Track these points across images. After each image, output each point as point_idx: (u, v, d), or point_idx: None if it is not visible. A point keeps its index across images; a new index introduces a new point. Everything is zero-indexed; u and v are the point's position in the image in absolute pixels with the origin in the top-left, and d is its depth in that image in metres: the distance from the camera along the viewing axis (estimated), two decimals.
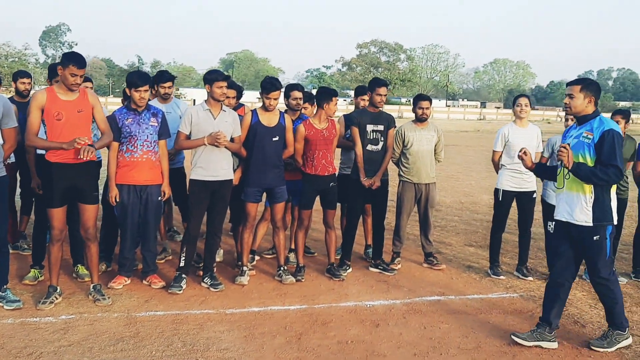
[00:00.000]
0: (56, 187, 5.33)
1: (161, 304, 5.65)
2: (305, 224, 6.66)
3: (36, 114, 5.22)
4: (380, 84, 6.84)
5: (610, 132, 4.78)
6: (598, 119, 4.92)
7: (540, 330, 5.07)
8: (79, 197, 5.49)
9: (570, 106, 5.01)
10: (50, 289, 5.51)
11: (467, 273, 7.07)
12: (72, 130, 5.24)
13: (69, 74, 5.17)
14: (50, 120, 5.22)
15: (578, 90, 4.95)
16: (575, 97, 4.96)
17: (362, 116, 6.82)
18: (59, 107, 5.22)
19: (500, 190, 6.90)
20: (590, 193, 4.87)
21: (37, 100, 5.21)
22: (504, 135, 6.92)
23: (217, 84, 5.90)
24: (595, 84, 5.05)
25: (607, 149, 4.76)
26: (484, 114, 69.97)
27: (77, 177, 5.38)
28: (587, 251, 4.96)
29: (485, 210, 10.91)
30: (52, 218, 5.41)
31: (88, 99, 5.41)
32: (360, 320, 5.44)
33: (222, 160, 6.02)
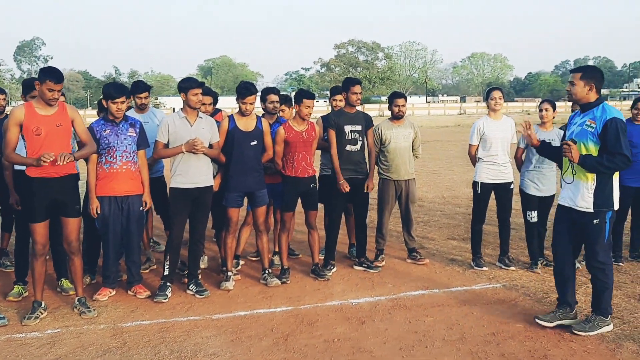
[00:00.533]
0: (37, 202, 5.32)
1: (147, 313, 5.66)
2: (288, 226, 6.71)
3: (14, 130, 5.22)
4: (354, 82, 6.91)
5: (614, 121, 4.87)
6: (601, 107, 5.01)
7: (562, 310, 5.24)
8: (61, 210, 5.49)
9: (572, 93, 5.14)
10: (35, 304, 5.49)
11: (451, 266, 7.15)
12: (52, 145, 5.24)
13: (46, 89, 5.18)
14: (29, 136, 5.23)
15: (578, 77, 5.06)
16: (576, 85, 5.08)
17: (339, 117, 6.88)
18: (38, 122, 5.22)
19: (478, 183, 7.01)
20: (592, 181, 5.00)
21: (15, 117, 5.21)
22: (479, 129, 7.02)
23: (192, 91, 5.93)
24: (597, 70, 5.14)
25: (611, 137, 4.86)
26: (464, 108, 70.34)
27: (58, 191, 5.38)
28: (587, 235, 5.10)
29: (467, 204, 11.00)
30: (35, 233, 5.40)
31: (67, 113, 5.41)
32: (346, 318, 5.50)
33: (202, 167, 6.05)
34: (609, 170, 4.92)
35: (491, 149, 6.92)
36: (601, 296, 5.10)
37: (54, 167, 5.24)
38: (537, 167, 6.89)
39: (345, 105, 6.97)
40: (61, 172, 5.35)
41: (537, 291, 6.20)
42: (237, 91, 6.24)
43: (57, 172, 5.31)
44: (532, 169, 6.93)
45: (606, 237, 5.04)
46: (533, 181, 6.92)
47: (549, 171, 6.91)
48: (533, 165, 6.91)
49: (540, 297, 6.03)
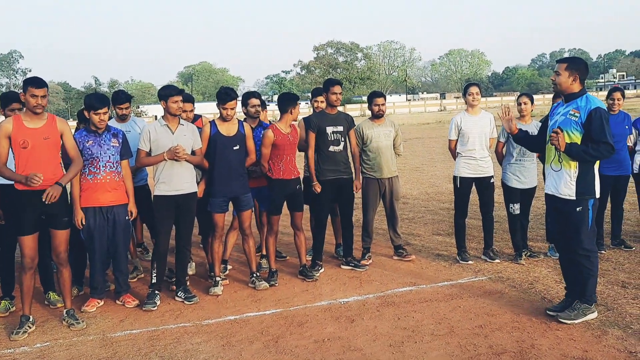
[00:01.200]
0: (27, 215, 5.32)
1: (136, 322, 5.66)
2: (275, 229, 6.73)
3: (3, 143, 5.24)
4: (334, 82, 6.97)
5: (598, 111, 5.01)
6: (584, 98, 5.14)
7: (569, 299, 5.30)
8: (50, 222, 5.49)
9: (557, 83, 5.26)
10: (23, 319, 5.47)
11: (437, 261, 7.23)
12: (39, 158, 5.26)
13: (29, 96, 5.21)
14: (16, 149, 5.24)
15: (564, 67, 5.20)
16: (561, 75, 5.21)
17: (321, 119, 6.92)
18: (25, 135, 5.23)
19: (457, 178, 7.10)
20: (575, 169, 5.12)
21: (3, 129, 5.23)
22: (457, 124, 7.11)
23: (172, 98, 5.94)
24: (582, 62, 5.27)
25: (596, 127, 4.98)
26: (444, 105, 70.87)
27: (47, 204, 5.35)
28: (570, 223, 5.19)
29: (450, 199, 11.02)
30: (24, 246, 5.38)
31: (56, 126, 5.41)
32: (335, 318, 5.54)
33: (185, 174, 6.06)
34: (593, 159, 5.05)
35: (468, 143, 7.01)
36: (586, 283, 5.18)
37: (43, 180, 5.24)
38: (518, 160, 6.99)
39: (326, 106, 7.02)
40: (47, 185, 5.33)
41: (523, 282, 6.28)
42: (218, 97, 6.26)
43: (46, 184, 5.30)
44: (513, 162, 7.02)
45: (589, 225, 5.14)
46: (515, 174, 7.01)
47: (530, 163, 7.01)
48: (514, 158, 7.00)
49: (525, 287, 6.11)
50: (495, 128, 7.23)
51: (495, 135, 7.20)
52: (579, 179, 5.11)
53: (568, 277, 5.41)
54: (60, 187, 5.35)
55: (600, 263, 6.46)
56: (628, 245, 7.33)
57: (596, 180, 5.19)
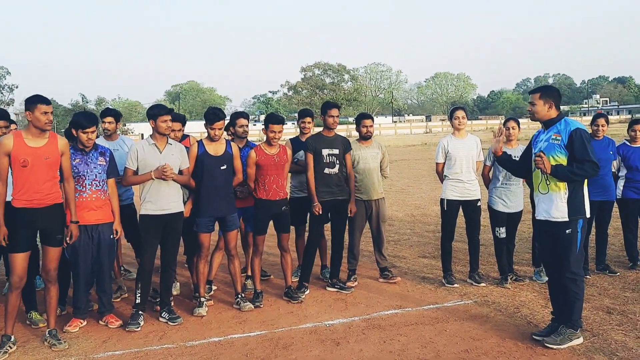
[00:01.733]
0: (22, 232, 5.27)
1: (119, 343, 5.58)
2: (260, 249, 6.70)
3: (3, 160, 5.20)
4: (331, 106, 7.02)
5: (578, 131, 5.12)
6: (563, 121, 5.27)
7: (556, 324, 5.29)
8: (44, 239, 5.45)
9: (533, 112, 5.37)
10: (4, 339, 5.37)
11: (422, 284, 7.22)
12: (38, 177, 5.25)
13: (40, 114, 5.21)
14: (16, 167, 5.21)
15: (537, 97, 5.34)
16: (536, 104, 5.35)
17: (317, 141, 6.92)
18: (26, 154, 5.21)
19: (444, 200, 7.12)
20: (564, 190, 5.19)
21: (4, 146, 5.19)
22: (443, 147, 7.16)
23: (161, 118, 5.94)
24: (553, 89, 5.42)
25: (578, 146, 5.08)
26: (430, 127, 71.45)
27: (44, 221, 5.35)
28: (559, 245, 5.22)
29: (436, 222, 11.11)
30: (15, 264, 5.31)
31: (57, 146, 5.40)
32: (320, 340, 5.50)
33: (171, 193, 6.03)
34: (579, 178, 5.12)
35: (455, 166, 7.05)
36: (572, 307, 5.19)
37: (40, 198, 5.27)
38: (504, 184, 7.04)
39: (323, 128, 7.03)
40: (47, 203, 5.33)
41: (509, 306, 6.29)
42: (206, 117, 6.26)
43: (42, 202, 5.30)
44: (499, 186, 7.07)
45: (578, 247, 5.18)
46: (501, 198, 7.05)
47: (516, 187, 7.06)
48: (500, 182, 7.05)
49: (511, 312, 6.12)
50: (482, 151, 7.28)
51: (482, 158, 7.25)
52: (570, 200, 5.18)
53: (555, 301, 5.42)
54: (76, 225, 5.54)
55: (585, 288, 6.51)
56: (612, 270, 7.37)
57: (586, 200, 5.26)
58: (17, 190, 5.24)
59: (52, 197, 5.36)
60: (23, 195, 5.24)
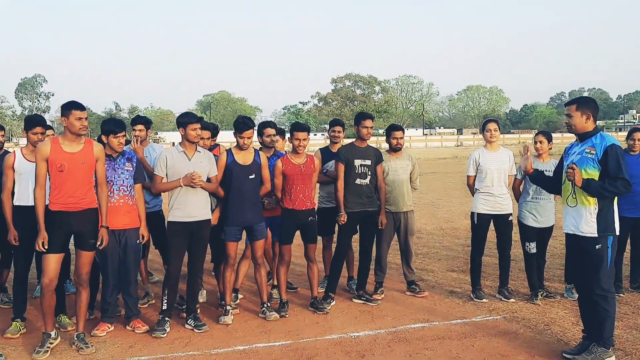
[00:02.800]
0: (56, 234, 5.36)
1: (145, 348, 5.61)
2: (286, 259, 6.69)
3: (42, 165, 5.33)
4: (366, 117, 6.99)
5: (614, 148, 5.02)
6: (599, 136, 5.16)
7: (587, 342, 5.19)
8: (78, 243, 5.53)
9: (570, 125, 5.27)
10: (45, 336, 5.51)
11: (450, 298, 7.12)
12: (74, 182, 5.37)
13: (74, 119, 5.32)
14: (53, 171, 5.33)
15: (574, 109, 5.23)
16: (573, 116, 5.24)
17: (350, 151, 6.90)
18: (63, 159, 5.32)
19: (475, 214, 7.02)
20: (594, 205, 5.08)
21: (42, 152, 5.32)
22: (475, 160, 7.07)
23: (190, 126, 5.99)
24: (591, 101, 5.31)
25: (612, 163, 4.99)
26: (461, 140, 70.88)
27: (78, 224, 5.44)
28: (589, 261, 5.11)
29: (466, 235, 10.98)
30: (47, 265, 5.39)
31: (93, 151, 5.51)
32: (345, 352, 5.45)
33: (199, 201, 6.07)
34: (611, 194, 5.02)
35: (486, 179, 6.96)
36: (603, 325, 5.06)
37: (75, 202, 5.37)
38: (534, 198, 6.92)
39: (356, 139, 7.02)
40: (82, 207, 5.42)
41: (538, 323, 6.16)
42: (235, 126, 6.30)
43: (78, 206, 5.40)
44: (529, 200, 6.95)
45: (608, 264, 5.06)
46: (531, 212, 6.94)
47: (547, 202, 6.93)
48: (531, 196, 6.94)
49: (541, 329, 5.99)
50: (514, 165, 7.18)
51: (514, 172, 7.15)
52: (600, 216, 5.07)
53: (586, 319, 5.29)
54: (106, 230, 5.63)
55: (618, 306, 6.33)
56: None
57: (616, 217, 5.14)
58: (54, 194, 5.36)
59: (87, 202, 5.45)
60: (60, 199, 5.35)
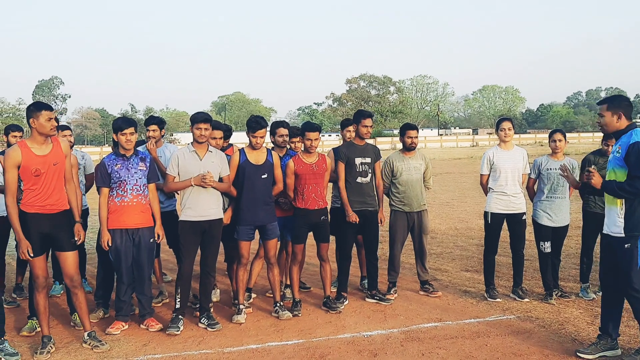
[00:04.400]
0: (33, 236, 5.30)
1: (159, 346, 5.65)
2: (299, 258, 6.70)
3: (13, 172, 5.20)
4: (365, 115, 6.98)
5: (636, 145, 4.91)
6: (629, 133, 5.06)
7: (603, 341, 5.18)
8: (56, 245, 5.50)
9: (602, 125, 5.20)
10: (45, 339, 5.50)
11: (464, 298, 7.09)
12: (50, 185, 5.32)
13: (45, 120, 5.23)
14: (28, 177, 5.24)
15: (605, 108, 5.14)
16: (604, 116, 5.15)
17: (349, 149, 6.92)
18: (36, 164, 5.24)
19: (488, 213, 6.98)
20: (621, 205, 5.03)
21: (12, 159, 5.19)
22: (489, 159, 7.03)
23: (196, 125, 6.03)
24: (623, 99, 5.22)
25: (633, 161, 4.91)
26: (477, 141, 70.47)
27: (52, 227, 5.39)
28: (620, 260, 5.06)
29: (480, 235, 10.91)
30: (33, 267, 5.40)
31: (61, 149, 5.45)
32: (358, 351, 5.45)
33: (211, 200, 6.10)
34: (630, 195, 4.93)
35: (500, 178, 6.92)
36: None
37: (51, 203, 5.33)
38: (549, 197, 6.88)
39: (355, 137, 7.02)
40: (57, 209, 5.40)
41: (552, 323, 6.11)
42: (248, 125, 6.33)
43: (53, 208, 5.37)
44: (544, 199, 6.91)
45: (639, 264, 4.98)
46: (546, 211, 6.89)
47: (562, 201, 6.88)
48: (545, 195, 6.89)
49: (555, 328, 5.94)
50: (528, 164, 7.14)
51: (528, 171, 7.10)
52: (627, 216, 4.99)
53: (607, 317, 5.25)
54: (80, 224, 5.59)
55: None
56: None
57: None
58: (28, 197, 5.27)
59: (61, 203, 5.42)
60: (36, 201, 5.27)
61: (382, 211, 7.06)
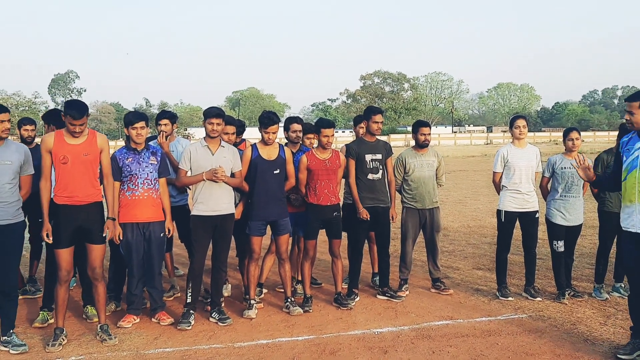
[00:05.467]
0: (63, 229, 5.42)
1: (170, 340, 5.68)
2: (311, 254, 6.70)
3: (47, 157, 5.41)
4: (375, 111, 6.95)
5: None
6: None
7: (637, 340, 5.10)
8: (86, 237, 5.57)
9: (632, 122, 5.08)
10: (57, 331, 5.55)
11: (476, 296, 7.05)
12: (78, 174, 5.40)
13: (68, 123, 5.37)
14: (56, 164, 5.39)
15: (637, 106, 5.01)
16: (635, 113, 5.03)
17: (360, 146, 6.89)
18: (65, 151, 5.38)
19: (501, 211, 6.93)
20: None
21: (46, 144, 5.40)
22: (502, 156, 6.98)
23: (209, 120, 6.04)
24: None
25: None
26: (491, 138, 70.00)
27: (84, 218, 5.48)
28: None
29: (492, 234, 10.83)
30: (59, 259, 5.48)
31: (96, 143, 5.54)
32: (368, 348, 5.44)
33: (223, 195, 6.10)
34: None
35: (514, 176, 6.87)
36: None
37: (81, 195, 5.39)
38: (563, 196, 6.82)
39: (366, 133, 7.00)
40: (87, 200, 5.47)
41: (565, 322, 6.06)
42: (260, 121, 6.33)
43: (83, 200, 5.44)
44: (558, 198, 6.85)
45: None
46: (559, 210, 6.83)
47: (576, 200, 6.82)
48: (559, 194, 6.83)
49: (567, 328, 5.90)
50: (541, 162, 7.08)
51: (541, 169, 7.05)
52: None
53: (633, 315, 5.19)
54: (114, 221, 5.69)
55: None
56: None
57: None
58: (58, 187, 5.42)
59: (93, 196, 5.50)
60: (64, 192, 5.40)
61: (394, 208, 7.04)
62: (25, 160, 5.55)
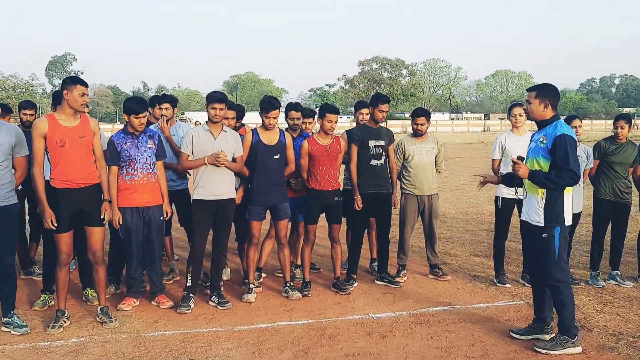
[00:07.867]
0: (62, 212, 5.40)
1: (170, 323, 5.71)
2: (311, 239, 6.73)
3: (39, 142, 5.30)
4: (383, 100, 6.95)
5: (563, 137, 4.93)
6: (553, 125, 5.08)
7: (536, 325, 5.32)
8: (86, 220, 5.58)
9: (529, 111, 5.23)
10: (59, 313, 5.58)
11: (473, 283, 7.10)
12: (75, 157, 5.37)
13: (78, 95, 5.31)
14: (53, 147, 5.32)
15: (534, 96, 5.15)
16: (532, 103, 5.17)
17: (364, 132, 6.90)
18: (62, 134, 5.32)
19: (499, 198, 6.97)
20: (542, 195, 5.06)
21: (39, 129, 5.30)
22: (500, 144, 7.00)
23: (211, 104, 6.03)
24: (551, 88, 5.18)
25: (560, 153, 4.91)
26: (488, 126, 70.05)
27: (83, 201, 5.48)
28: (537, 249, 5.15)
29: (490, 220, 10.90)
30: (60, 243, 5.49)
31: (90, 126, 5.51)
32: (367, 333, 5.49)
33: (224, 180, 6.11)
34: (556, 186, 4.96)
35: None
36: (561, 314, 5.05)
37: (79, 178, 5.38)
38: None
39: (369, 120, 7.00)
40: (86, 183, 5.46)
41: None
42: (261, 105, 6.33)
43: (82, 182, 5.43)
44: None
45: (556, 254, 5.02)
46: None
47: (576, 188, 6.84)
48: None
49: None
50: None
51: None
52: (547, 206, 5.04)
53: (536, 304, 5.38)
54: (109, 203, 5.67)
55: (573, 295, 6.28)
56: None
57: (566, 208, 5.06)
58: (57, 171, 5.35)
59: (90, 177, 5.49)
60: (62, 175, 5.35)
61: (396, 194, 7.06)
62: (17, 142, 5.44)
